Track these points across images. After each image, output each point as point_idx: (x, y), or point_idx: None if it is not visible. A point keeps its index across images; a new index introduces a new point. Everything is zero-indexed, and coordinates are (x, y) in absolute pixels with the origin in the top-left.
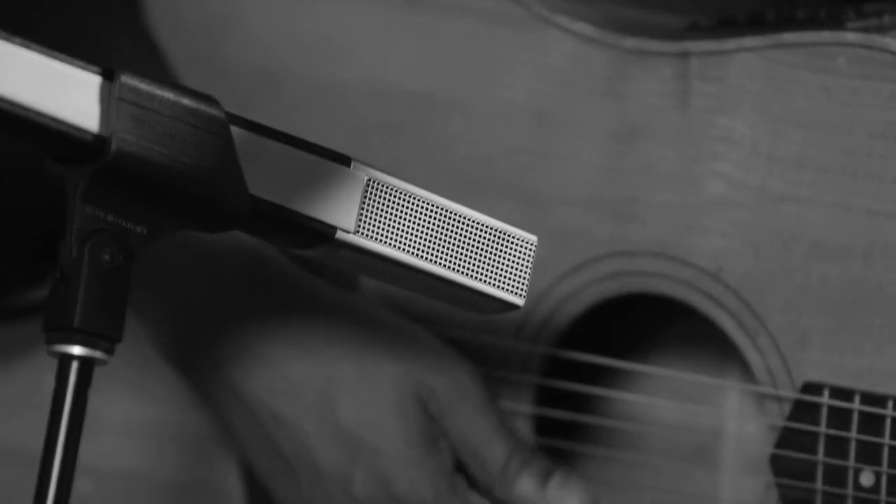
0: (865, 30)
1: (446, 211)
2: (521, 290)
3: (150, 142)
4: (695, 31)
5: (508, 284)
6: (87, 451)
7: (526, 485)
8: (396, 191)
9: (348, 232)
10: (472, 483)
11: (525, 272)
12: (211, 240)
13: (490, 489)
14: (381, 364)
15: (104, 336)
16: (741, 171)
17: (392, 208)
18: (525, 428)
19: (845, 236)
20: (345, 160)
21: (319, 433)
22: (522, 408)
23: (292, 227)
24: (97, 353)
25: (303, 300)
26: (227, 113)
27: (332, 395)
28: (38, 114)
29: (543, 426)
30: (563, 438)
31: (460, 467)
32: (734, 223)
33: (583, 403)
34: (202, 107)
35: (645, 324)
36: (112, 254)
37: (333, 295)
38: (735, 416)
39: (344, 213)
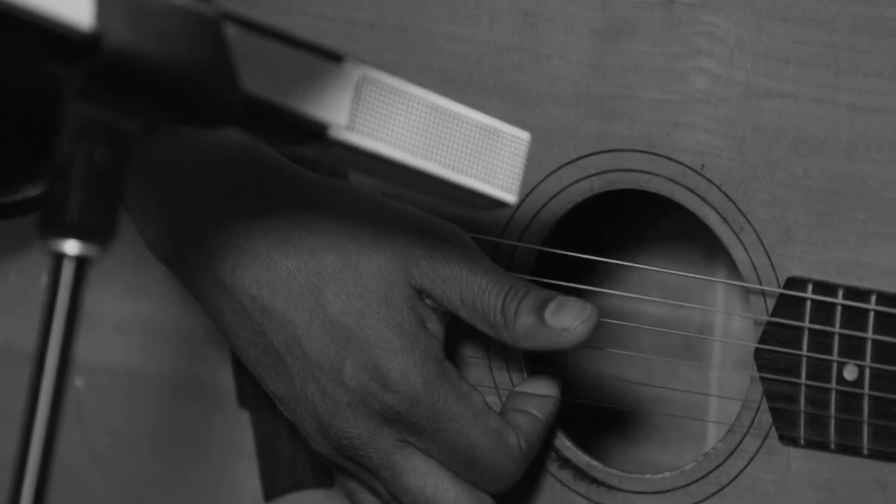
0: None
1: (439, 108)
2: (514, 187)
3: (143, 38)
4: None
5: (501, 181)
6: (79, 347)
7: (525, 320)
8: (389, 88)
9: (340, 128)
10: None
11: (517, 169)
12: (202, 136)
13: (499, 337)
14: (365, 253)
15: (98, 232)
16: (725, 67)
17: (385, 105)
18: None
19: (829, 131)
20: (337, 57)
21: (309, 325)
22: None
23: (285, 123)
24: (91, 250)
25: (291, 194)
26: (220, 9)
27: (319, 286)
28: (31, 12)
29: None
30: None
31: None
32: (718, 119)
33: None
34: (195, 3)
35: (632, 222)
36: (106, 150)
37: (321, 187)
38: (721, 311)
39: (336, 109)
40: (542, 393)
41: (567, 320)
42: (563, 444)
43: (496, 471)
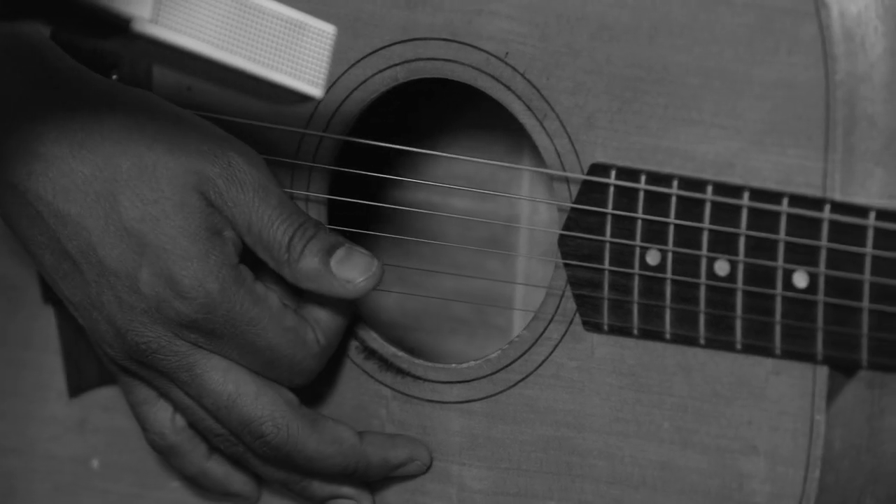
0: None
1: (244, 1)
2: (319, 80)
3: None
4: None
5: (306, 75)
6: None
7: (310, 262)
8: None
9: (144, 21)
10: (261, 270)
11: (322, 63)
12: None
13: (280, 271)
14: (161, 160)
15: None
16: None
17: None
18: (320, 217)
19: (630, 17)
20: None
21: (104, 232)
22: (315, 195)
23: (88, 16)
24: None
25: (86, 99)
26: None
27: (114, 193)
28: None
29: (338, 217)
30: (358, 228)
31: (253, 260)
32: (521, 6)
33: (378, 193)
34: None
35: (438, 111)
36: None
37: (118, 92)
38: (525, 198)
39: (140, 2)
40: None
41: (352, 273)
42: (369, 334)
43: (296, 367)
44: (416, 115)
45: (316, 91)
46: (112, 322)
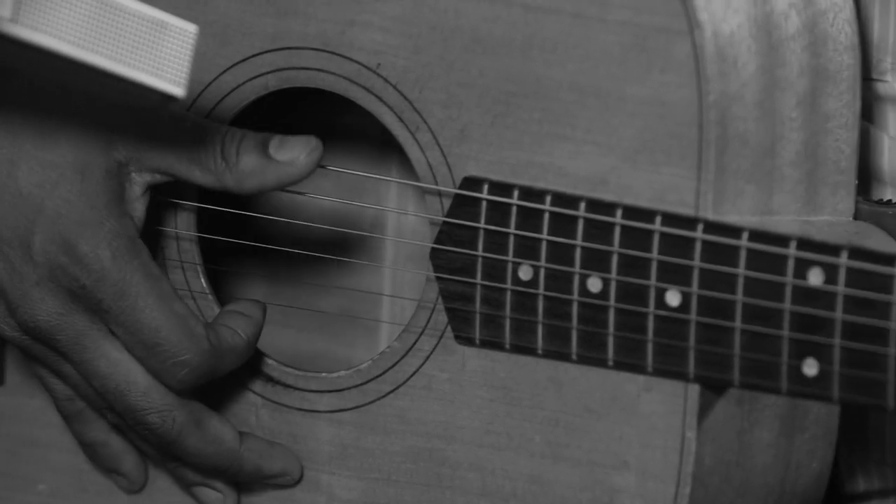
0: None
1: (104, 1)
2: (181, 79)
3: None
4: None
5: (168, 74)
6: None
7: (249, 159)
8: None
9: (4, 21)
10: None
11: (184, 62)
12: None
13: (223, 184)
14: (67, 124)
15: None
16: None
17: None
18: (191, 225)
19: (504, 31)
20: None
21: None
22: (185, 202)
23: None
24: None
25: None
26: None
27: (15, 160)
28: None
29: (206, 226)
30: (226, 236)
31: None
32: (394, 17)
33: (245, 201)
34: None
35: (308, 120)
36: None
37: (18, 59)
38: (398, 211)
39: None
40: (248, 313)
41: (293, 152)
42: None
43: (180, 358)
44: (288, 123)
45: (178, 90)
46: (4, 296)
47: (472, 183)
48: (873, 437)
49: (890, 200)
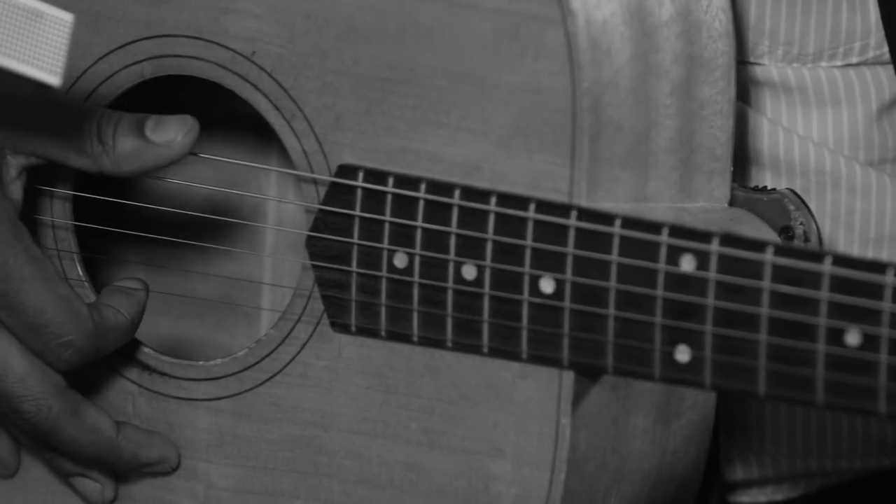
0: None
1: None
2: (58, 68)
3: None
4: None
5: (43, 63)
6: None
7: (126, 141)
8: None
9: None
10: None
11: (61, 51)
12: None
13: (100, 167)
14: None
15: None
16: None
17: None
18: (66, 214)
19: (378, 18)
20: None
21: None
22: (61, 191)
23: None
24: None
25: None
26: None
27: None
28: None
29: (83, 215)
30: (103, 224)
31: None
32: (268, 5)
33: (123, 188)
34: None
35: (185, 108)
36: None
37: None
38: (274, 199)
39: None
40: (130, 292)
41: (170, 132)
42: None
43: (65, 338)
44: (163, 109)
45: (54, 79)
46: None
47: (347, 171)
48: (754, 426)
49: (765, 187)
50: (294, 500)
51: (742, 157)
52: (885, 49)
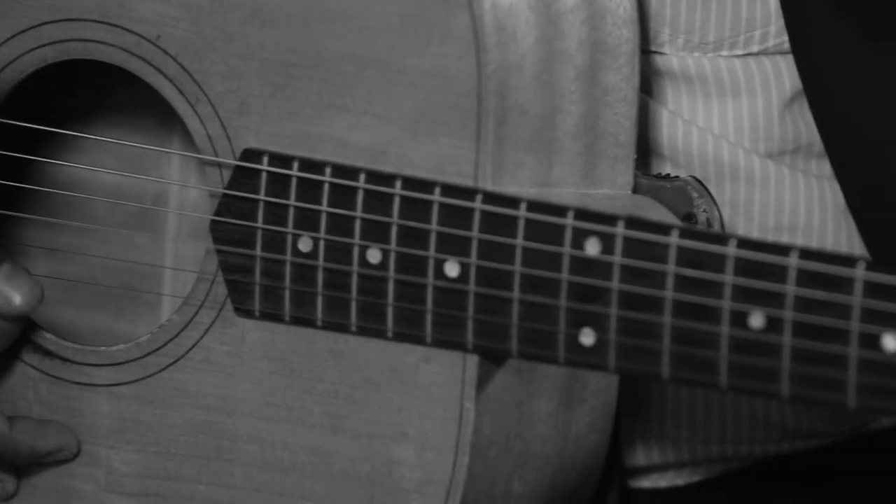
0: None
1: None
2: None
3: None
4: None
5: None
6: None
7: None
8: None
9: None
10: None
11: None
12: None
13: None
14: None
15: None
16: None
17: None
18: None
19: (284, 2)
20: None
21: None
22: None
23: None
24: None
25: None
26: None
27: None
28: None
29: None
30: (4, 208)
31: None
32: None
33: (25, 172)
34: None
35: (89, 92)
36: None
37: None
38: (177, 183)
39: None
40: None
41: (14, 292)
42: None
43: None
44: (67, 93)
45: None
46: None
47: (251, 155)
48: (655, 411)
49: (668, 174)
50: (196, 485)
51: (643, 148)
52: (786, 38)
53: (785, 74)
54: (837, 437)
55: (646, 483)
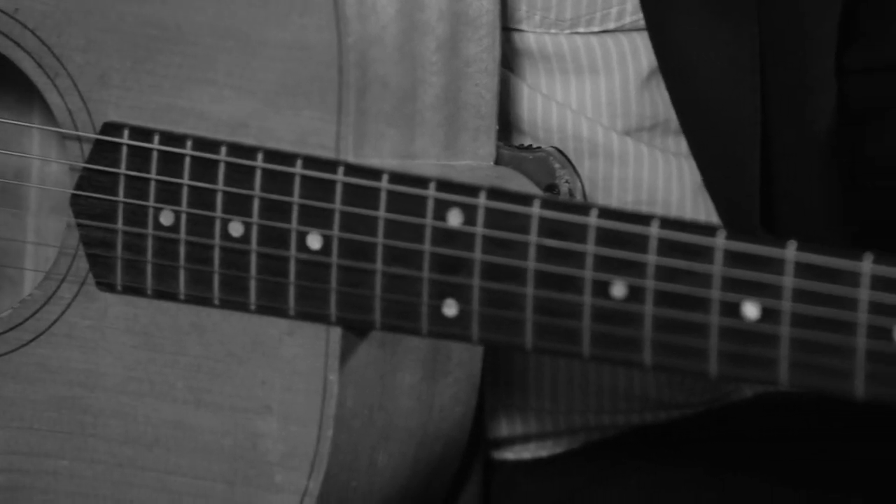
0: None
1: None
2: None
3: None
4: None
5: None
6: None
7: None
8: None
9: None
10: None
11: None
12: None
13: None
14: None
15: None
16: None
17: None
18: None
19: None
20: None
21: None
22: None
23: None
24: None
25: None
26: None
27: None
28: None
29: None
30: None
31: None
32: None
33: None
34: None
35: None
36: None
37: None
38: (38, 157)
39: None
40: None
41: None
42: None
43: None
44: None
45: None
46: None
47: (111, 128)
48: (517, 381)
49: (531, 145)
50: (59, 460)
51: (504, 123)
52: (641, 15)
53: (642, 52)
54: (700, 408)
55: (509, 455)
